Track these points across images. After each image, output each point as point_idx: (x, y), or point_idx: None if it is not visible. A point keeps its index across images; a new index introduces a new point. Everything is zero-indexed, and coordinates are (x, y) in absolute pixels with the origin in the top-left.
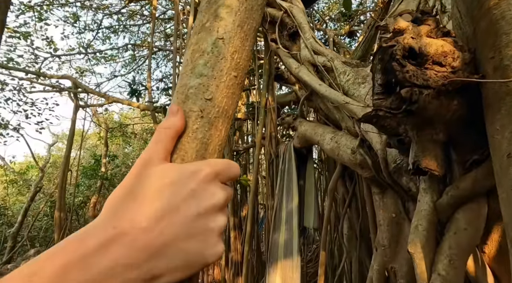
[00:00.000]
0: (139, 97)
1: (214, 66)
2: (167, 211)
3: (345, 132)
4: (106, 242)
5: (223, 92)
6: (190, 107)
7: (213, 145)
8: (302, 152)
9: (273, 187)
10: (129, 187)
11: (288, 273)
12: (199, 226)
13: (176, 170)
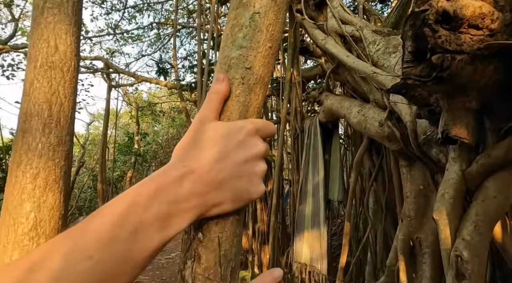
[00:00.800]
0: (166, 76)
1: (252, 39)
2: (221, 157)
3: (373, 105)
4: (180, 176)
5: (260, 62)
6: (233, 75)
7: (252, 107)
8: (327, 126)
9: (298, 162)
10: (191, 138)
11: (315, 243)
12: (246, 169)
13: (226, 126)
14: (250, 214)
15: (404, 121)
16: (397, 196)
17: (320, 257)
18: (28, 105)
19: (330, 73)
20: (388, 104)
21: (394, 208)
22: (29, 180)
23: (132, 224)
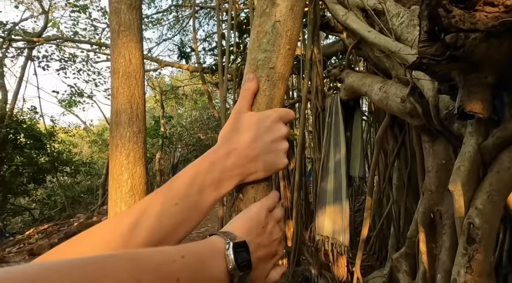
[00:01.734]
0: (188, 60)
1: (274, 43)
2: (255, 138)
3: (395, 81)
4: (227, 153)
5: (281, 62)
6: (260, 74)
7: (276, 99)
8: (349, 104)
9: (320, 140)
10: (232, 125)
11: (337, 217)
12: (273, 147)
13: (257, 115)
14: (271, 185)
15: (426, 96)
16: (419, 171)
17: (343, 230)
18: (116, 105)
19: (352, 50)
20: (411, 80)
21: (416, 183)
22: (124, 157)
23: (198, 185)
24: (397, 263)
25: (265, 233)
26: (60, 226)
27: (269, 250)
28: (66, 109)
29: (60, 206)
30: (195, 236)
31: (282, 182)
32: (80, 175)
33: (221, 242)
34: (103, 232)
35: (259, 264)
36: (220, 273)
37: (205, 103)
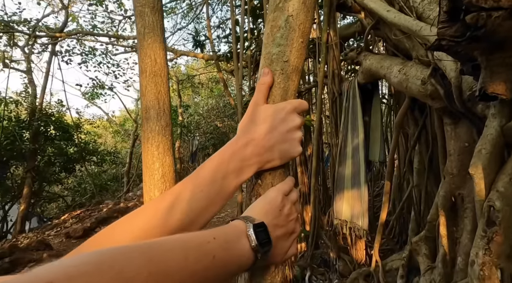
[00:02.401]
0: (202, 48)
1: (287, 37)
2: (271, 129)
3: (415, 62)
4: (246, 143)
5: (295, 55)
6: (274, 67)
7: (290, 90)
8: (367, 87)
9: (337, 125)
10: (249, 118)
11: (355, 201)
12: (288, 136)
13: (272, 107)
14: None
15: (449, 77)
16: (440, 154)
17: (361, 214)
18: (145, 102)
19: (370, 31)
20: (432, 60)
21: (437, 166)
22: (155, 149)
23: (222, 172)
24: (416, 246)
25: (281, 214)
26: (91, 211)
27: (287, 229)
28: (89, 102)
29: (90, 193)
30: (215, 220)
31: (299, 168)
32: (106, 164)
33: (242, 225)
34: (145, 215)
35: (278, 241)
36: (245, 250)
37: (221, 91)
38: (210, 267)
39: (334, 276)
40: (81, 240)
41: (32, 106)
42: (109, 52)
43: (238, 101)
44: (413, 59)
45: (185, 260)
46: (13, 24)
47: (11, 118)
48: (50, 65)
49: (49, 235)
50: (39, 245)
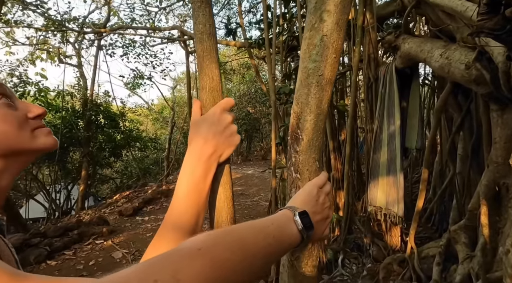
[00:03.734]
0: (234, 36)
1: (322, 54)
2: (212, 132)
3: (460, 45)
4: (200, 149)
5: (328, 69)
6: (311, 81)
7: (324, 100)
8: (405, 72)
9: (372, 111)
10: (194, 132)
11: (390, 188)
12: (226, 132)
13: (206, 116)
14: (324, 163)
15: (496, 62)
16: (484, 142)
17: (396, 201)
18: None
19: (411, 11)
20: (479, 44)
21: (481, 154)
22: None
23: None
24: (455, 234)
25: (318, 204)
26: (138, 192)
27: (322, 215)
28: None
29: (136, 176)
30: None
31: (332, 154)
32: (148, 149)
33: (289, 213)
34: (178, 207)
35: (317, 225)
36: (294, 232)
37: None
38: (272, 243)
39: (368, 261)
40: (132, 217)
41: (84, 97)
42: (147, 44)
43: (271, 88)
44: (457, 42)
45: (256, 238)
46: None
47: (68, 109)
48: (97, 58)
49: (105, 212)
50: (98, 221)
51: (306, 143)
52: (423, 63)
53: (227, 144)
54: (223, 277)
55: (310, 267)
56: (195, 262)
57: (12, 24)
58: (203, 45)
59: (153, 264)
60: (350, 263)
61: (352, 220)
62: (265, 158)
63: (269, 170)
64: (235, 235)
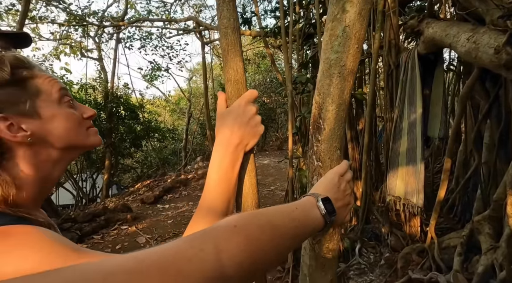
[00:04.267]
0: (250, 25)
1: (344, 45)
2: (238, 123)
3: (488, 29)
4: (228, 139)
5: (350, 59)
6: (333, 71)
7: (346, 90)
8: (429, 58)
9: (392, 99)
10: (220, 123)
11: (410, 178)
12: (251, 122)
13: (231, 108)
14: (342, 153)
15: None
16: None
17: (416, 191)
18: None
19: None
20: (510, 26)
21: (509, 143)
22: None
23: (227, 160)
24: (479, 225)
25: (339, 190)
26: (158, 181)
27: (344, 202)
28: (149, 83)
29: (155, 166)
30: (266, 193)
31: (349, 144)
32: (166, 140)
33: (313, 199)
34: (210, 194)
35: (339, 210)
36: (318, 217)
37: (268, 66)
38: (298, 226)
39: (385, 250)
40: (153, 205)
41: (105, 90)
42: (163, 36)
43: (287, 77)
44: (486, 25)
45: (283, 221)
46: (85, 17)
47: (91, 101)
48: (116, 51)
49: (128, 200)
50: (123, 208)
51: (327, 132)
52: (448, 48)
53: (252, 134)
54: (255, 254)
55: (331, 251)
56: (232, 237)
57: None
58: (227, 39)
59: (196, 237)
60: (368, 252)
61: (370, 210)
62: (281, 148)
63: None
64: (264, 217)
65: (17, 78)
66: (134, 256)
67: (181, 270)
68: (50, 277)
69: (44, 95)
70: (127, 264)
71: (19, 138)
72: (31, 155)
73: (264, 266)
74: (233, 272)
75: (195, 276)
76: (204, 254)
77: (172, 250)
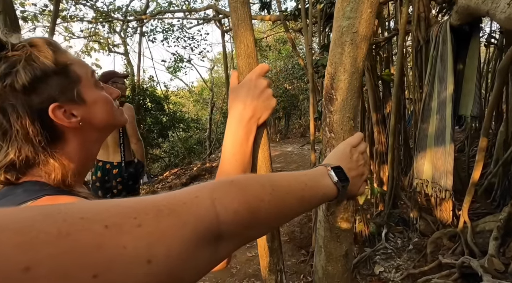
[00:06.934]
0: (269, 9)
1: (356, 10)
2: (250, 97)
3: None
4: (240, 113)
5: (363, 25)
6: (345, 39)
7: (359, 58)
8: (463, 30)
9: (422, 78)
10: (233, 97)
11: (439, 161)
12: (263, 96)
13: (242, 83)
14: (367, 137)
15: None
16: None
17: (445, 173)
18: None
19: None
20: None
21: None
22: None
23: (241, 133)
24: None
25: (352, 161)
26: (185, 170)
27: (357, 172)
28: (172, 75)
29: (181, 155)
30: None
31: (375, 127)
32: (191, 130)
33: (323, 168)
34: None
35: (352, 180)
36: (329, 184)
37: (289, 51)
38: (304, 189)
39: (414, 235)
40: None
41: (132, 83)
42: (184, 27)
43: (308, 61)
44: None
45: (288, 181)
46: (110, 13)
47: None
48: (140, 45)
49: (157, 188)
50: None
51: (340, 103)
52: (486, 17)
53: (264, 107)
54: (253, 204)
55: (346, 222)
56: (229, 188)
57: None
58: (237, 13)
59: (193, 187)
60: (395, 237)
61: (397, 195)
62: (304, 135)
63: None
64: (266, 177)
65: (61, 66)
66: (138, 198)
67: (175, 210)
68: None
69: (84, 80)
70: (127, 202)
71: (72, 124)
72: (79, 137)
73: (267, 220)
74: (229, 219)
75: (189, 219)
76: (199, 200)
77: (170, 195)
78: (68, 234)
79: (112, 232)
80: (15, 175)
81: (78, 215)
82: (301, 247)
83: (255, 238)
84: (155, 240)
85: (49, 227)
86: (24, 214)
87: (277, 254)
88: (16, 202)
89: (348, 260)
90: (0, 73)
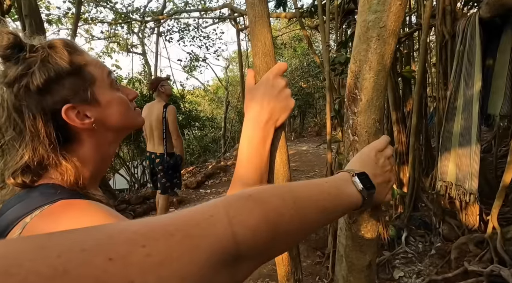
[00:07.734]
0: (285, 7)
1: (384, 3)
2: (267, 98)
3: None
4: (256, 116)
5: (392, 19)
6: (371, 34)
7: (387, 54)
8: (494, 22)
9: (447, 75)
10: (249, 98)
11: (463, 161)
12: (281, 96)
13: (260, 83)
14: (381, 127)
15: None
16: None
17: (469, 175)
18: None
19: None
20: None
21: None
22: None
23: (257, 136)
24: None
25: (377, 166)
26: (200, 168)
27: (384, 178)
28: (188, 74)
29: (197, 153)
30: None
31: (395, 126)
32: (206, 128)
33: (347, 174)
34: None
35: (378, 187)
36: (354, 193)
37: (304, 49)
38: (326, 199)
39: (437, 239)
40: (196, 190)
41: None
42: (200, 26)
43: (325, 58)
44: None
45: (309, 192)
46: (129, 14)
47: None
48: (157, 45)
49: None
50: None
51: (364, 103)
52: None
53: (282, 109)
54: (272, 220)
55: (370, 231)
56: (245, 204)
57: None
58: (254, 10)
59: (207, 205)
60: (416, 241)
61: (418, 197)
62: (320, 134)
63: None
64: (286, 188)
65: (75, 67)
66: (144, 219)
67: (189, 234)
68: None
69: (99, 81)
70: (135, 225)
71: (86, 125)
72: (93, 138)
73: (288, 235)
74: (248, 239)
75: (205, 243)
76: (214, 219)
77: (180, 215)
78: (65, 272)
79: (117, 265)
80: (31, 177)
81: (77, 246)
82: (316, 248)
83: (277, 255)
84: (167, 272)
85: (41, 265)
86: (12, 247)
87: (295, 263)
88: (33, 205)
89: (372, 272)
90: (17, 74)
